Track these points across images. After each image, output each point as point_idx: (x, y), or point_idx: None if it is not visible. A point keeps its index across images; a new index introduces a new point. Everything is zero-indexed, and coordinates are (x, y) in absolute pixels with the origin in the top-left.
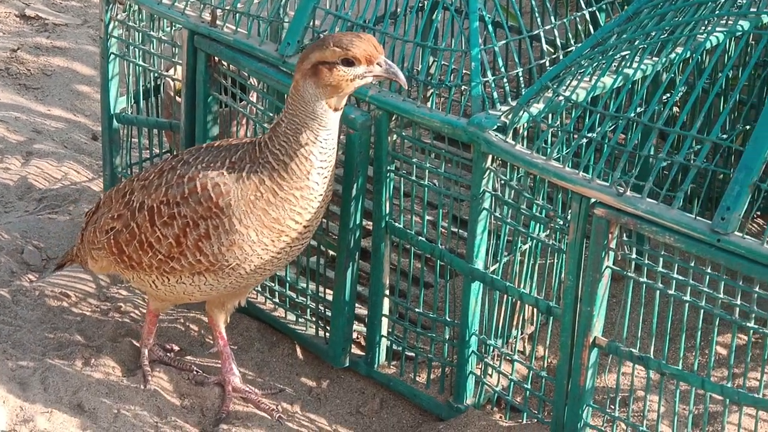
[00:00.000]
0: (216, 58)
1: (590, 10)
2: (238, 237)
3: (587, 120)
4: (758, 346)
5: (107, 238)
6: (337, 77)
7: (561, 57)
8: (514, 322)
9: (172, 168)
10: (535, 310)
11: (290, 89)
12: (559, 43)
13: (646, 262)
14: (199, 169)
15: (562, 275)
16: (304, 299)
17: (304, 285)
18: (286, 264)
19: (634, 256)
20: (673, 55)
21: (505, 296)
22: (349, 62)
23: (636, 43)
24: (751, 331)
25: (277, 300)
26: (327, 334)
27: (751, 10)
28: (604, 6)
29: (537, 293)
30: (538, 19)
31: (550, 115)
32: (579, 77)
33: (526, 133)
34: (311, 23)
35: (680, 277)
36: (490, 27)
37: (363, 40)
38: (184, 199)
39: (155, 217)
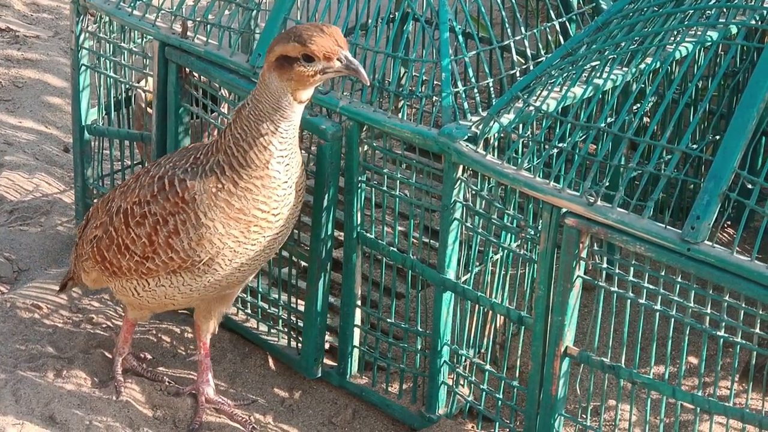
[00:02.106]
0: (187, 70)
1: (560, 20)
2: (205, 230)
3: (558, 130)
4: (728, 355)
5: (91, 247)
6: (298, 73)
7: (531, 67)
8: (486, 332)
9: (147, 171)
10: (506, 319)
11: (259, 77)
12: (529, 54)
13: (617, 271)
14: (167, 168)
15: (534, 285)
16: (276, 310)
17: (276, 296)
18: (267, 260)
19: (605, 265)
20: (642, 66)
21: (477, 306)
22: (308, 58)
23: (606, 53)
24: (721, 340)
25: (249, 311)
26: (299, 344)
27: (720, 20)
28: (574, 16)
29: (508, 303)
30: (509, 30)
31: (520, 126)
32: (549, 87)
33: (497, 144)
34: None
35: (651, 287)
36: (460, 38)
37: (323, 36)
38: (153, 197)
39: (129, 219)
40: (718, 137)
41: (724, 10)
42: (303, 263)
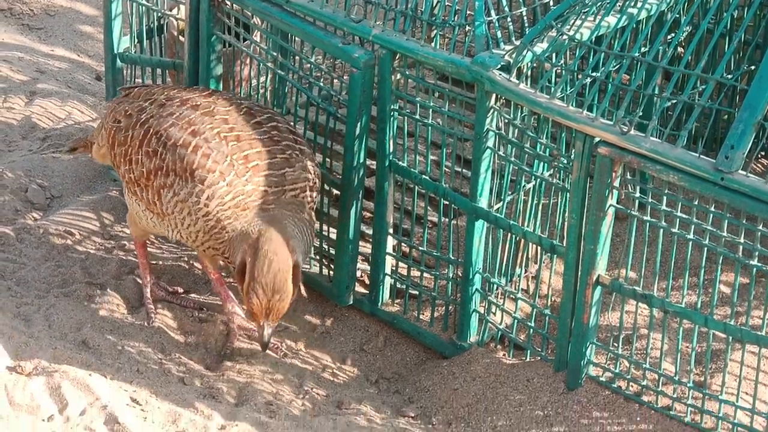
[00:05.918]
0: None
1: None
2: (193, 205)
3: (591, 59)
4: (761, 284)
5: (110, 128)
6: (241, 288)
7: None
8: (518, 261)
9: (196, 105)
10: (538, 248)
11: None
12: None
13: (650, 200)
14: (209, 127)
15: (566, 214)
16: None
17: None
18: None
19: (637, 194)
20: None
21: (509, 235)
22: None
23: None
24: (755, 269)
25: None
26: (331, 272)
27: None
28: None
29: (541, 232)
30: None
31: (554, 55)
32: (583, 16)
33: (530, 73)
34: None
35: (684, 216)
36: None
37: (261, 306)
38: (173, 146)
39: (144, 142)
40: (753, 67)
41: None
42: (335, 191)
